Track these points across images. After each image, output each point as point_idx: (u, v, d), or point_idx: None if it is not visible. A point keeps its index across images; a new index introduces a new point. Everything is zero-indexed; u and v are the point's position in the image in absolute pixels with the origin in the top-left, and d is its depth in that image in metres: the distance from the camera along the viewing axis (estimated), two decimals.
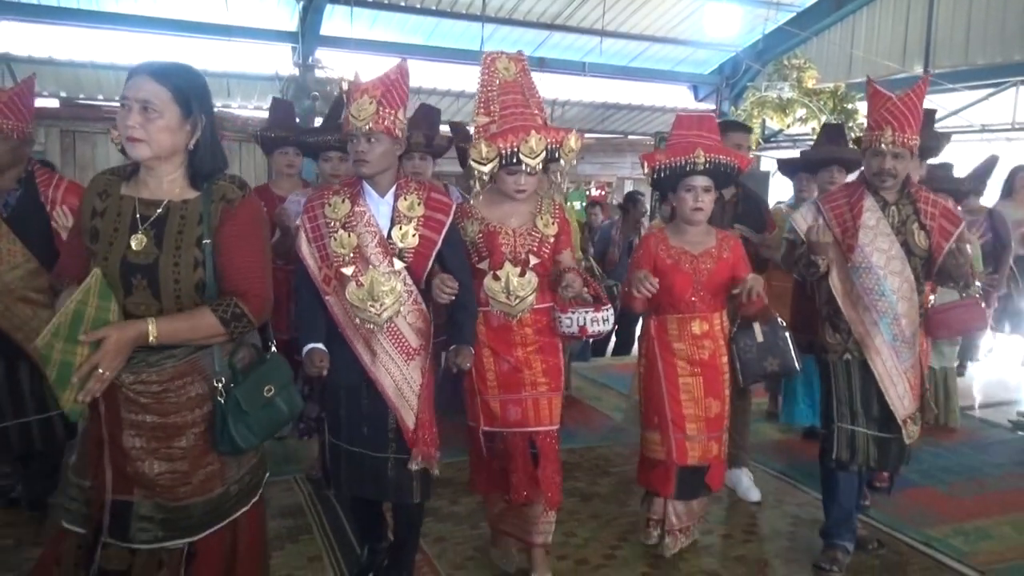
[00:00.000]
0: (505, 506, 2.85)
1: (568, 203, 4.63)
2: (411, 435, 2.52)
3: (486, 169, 2.65)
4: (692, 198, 2.88)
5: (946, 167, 4.47)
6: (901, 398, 2.94)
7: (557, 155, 2.70)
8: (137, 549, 1.96)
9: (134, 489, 1.94)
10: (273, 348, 2.17)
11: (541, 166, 2.70)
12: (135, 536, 1.94)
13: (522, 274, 2.69)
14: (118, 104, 1.96)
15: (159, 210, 1.94)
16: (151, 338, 1.83)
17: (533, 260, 2.72)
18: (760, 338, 3.03)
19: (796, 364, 3.05)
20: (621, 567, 3.03)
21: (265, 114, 10.06)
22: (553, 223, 2.79)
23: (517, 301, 2.70)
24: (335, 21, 9.60)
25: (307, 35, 9.37)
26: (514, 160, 2.63)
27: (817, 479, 3.32)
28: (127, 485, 1.94)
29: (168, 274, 1.91)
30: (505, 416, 2.75)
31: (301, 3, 9.24)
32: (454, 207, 2.63)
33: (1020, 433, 4.93)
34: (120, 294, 1.88)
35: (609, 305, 2.77)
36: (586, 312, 2.70)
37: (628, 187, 12.89)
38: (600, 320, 2.71)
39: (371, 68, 2.55)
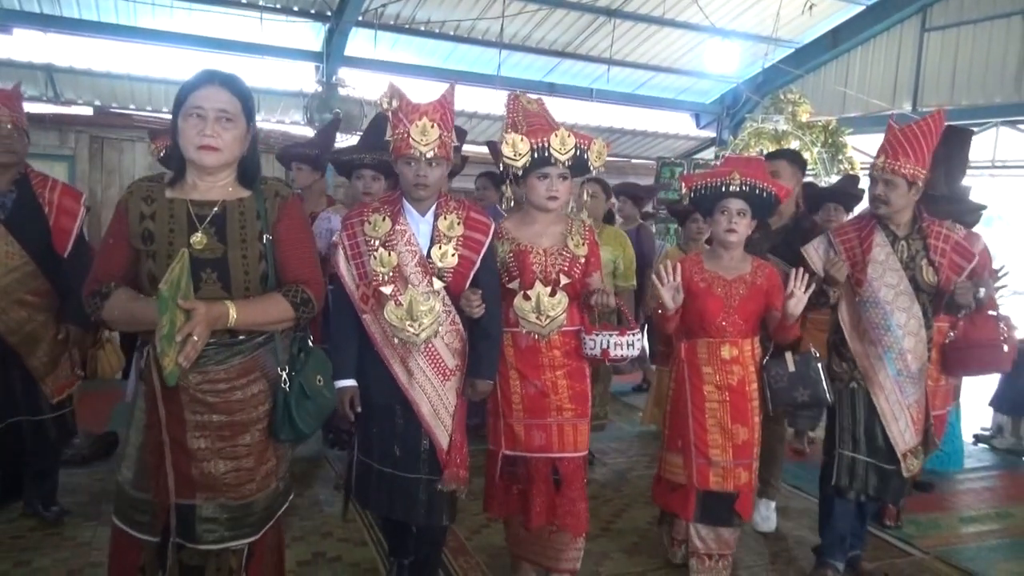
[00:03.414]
0: (525, 532, 2.83)
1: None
2: (444, 456, 2.50)
3: (519, 164, 2.63)
4: (726, 220, 2.86)
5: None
6: (903, 432, 2.94)
7: (586, 157, 2.67)
8: (209, 550, 2.01)
9: (196, 492, 1.97)
10: (311, 342, 2.19)
11: (570, 176, 2.69)
12: (201, 537, 1.98)
13: (552, 294, 2.66)
14: (184, 113, 1.95)
15: (215, 209, 1.97)
16: (231, 319, 1.89)
17: (564, 280, 2.69)
18: (792, 368, 2.97)
19: (828, 396, 2.97)
20: (616, 537, 3.48)
21: (287, 128, 10.57)
22: (583, 244, 2.75)
23: (547, 321, 2.67)
24: (358, 42, 10.07)
25: (332, 55, 9.82)
26: (545, 155, 2.61)
27: (800, 477, 3.75)
28: (190, 488, 1.96)
29: (238, 266, 1.96)
30: (529, 441, 2.72)
31: (327, 25, 9.73)
32: (493, 227, 2.62)
33: (981, 445, 5.41)
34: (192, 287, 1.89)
35: (636, 330, 2.72)
36: (610, 336, 2.66)
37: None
38: (624, 345, 2.66)
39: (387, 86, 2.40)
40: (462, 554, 3.24)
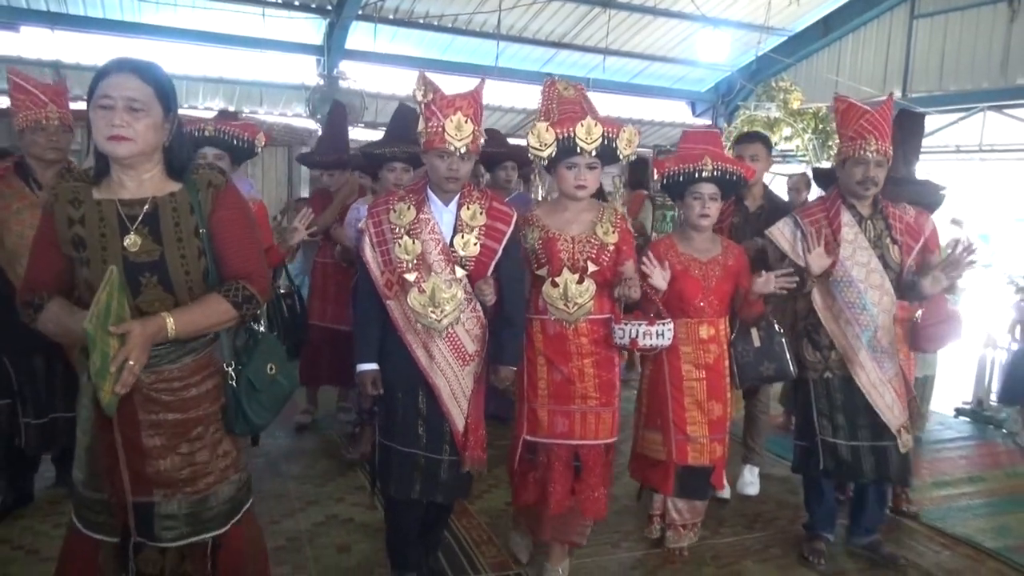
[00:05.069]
0: (538, 512, 2.88)
1: None
2: (461, 439, 2.57)
3: (544, 154, 2.64)
4: (699, 205, 2.93)
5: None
6: (891, 407, 2.97)
7: (615, 146, 2.65)
8: (166, 548, 1.96)
9: (153, 489, 1.91)
10: (262, 328, 2.12)
11: (600, 165, 2.69)
12: (161, 535, 1.93)
13: (580, 281, 2.67)
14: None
15: (146, 207, 1.87)
16: (170, 331, 1.80)
17: (592, 267, 2.69)
18: (757, 343, 3.07)
19: (791, 369, 3.08)
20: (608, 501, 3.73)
21: (290, 120, 10.77)
22: (614, 232, 2.75)
23: (575, 308, 2.69)
24: (358, 36, 10.27)
25: (332, 49, 10.03)
26: (571, 144, 2.60)
27: (783, 447, 3.90)
28: (146, 486, 1.91)
29: (178, 266, 1.87)
30: (551, 427, 2.75)
31: (328, 19, 9.93)
32: (515, 217, 2.64)
33: (961, 418, 5.66)
34: (129, 295, 1.82)
35: (668, 320, 2.77)
36: (639, 325, 2.70)
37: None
38: (653, 334, 2.72)
39: (391, 79, 2.50)
40: (465, 516, 3.49)
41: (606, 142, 2.63)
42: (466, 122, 2.44)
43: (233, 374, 1.97)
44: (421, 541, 2.81)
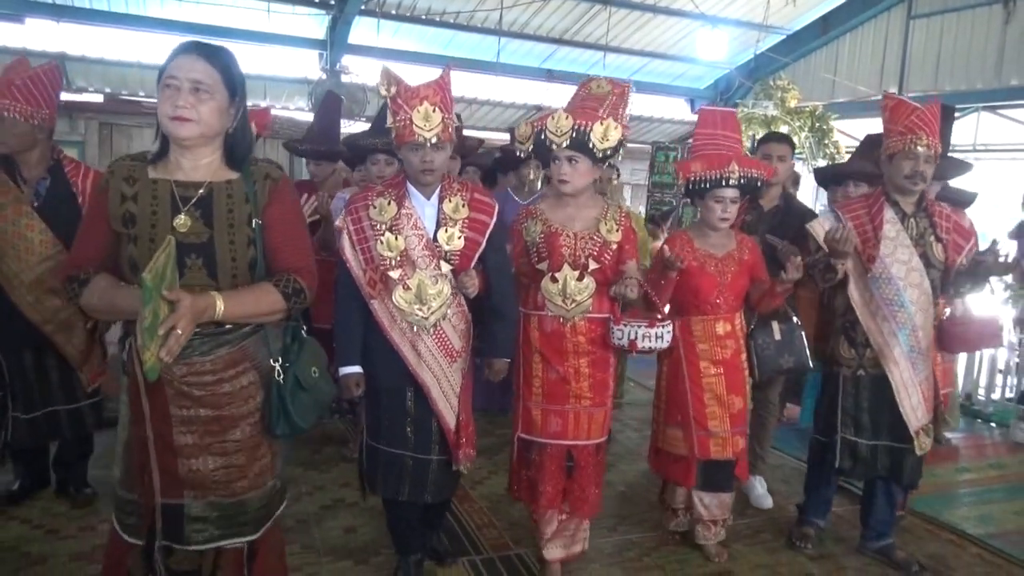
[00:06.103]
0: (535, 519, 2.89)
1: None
2: (452, 437, 2.52)
3: (524, 147, 2.69)
4: (721, 209, 2.94)
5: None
6: (915, 409, 2.97)
7: (587, 139, 2.57)
8: (202, 553, 1.92)
9: (184, 491, 1.86)
10: (305, 331, 2.08)
11: (583, 159, 2.63)
12: (190, 538, 1.88)
13: (580, 278, 2.65)
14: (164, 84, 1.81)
15: (201, 191, 1.85)
16: (218, 311, 1.76)
17: (593, 265, 2.66)
18: (778, 336, 3.12)
19: (810, 362, 3.14)
20: (606, 487, 3.78)
21: (292, 114, 10.86)
22: (617, 230, 2.72)
23: (573, 305, 2.67)
24: (360, 30, 10.37)
25: (335, 43, 10.12)
26: (541, 138, 2.59)
27: (775, 438, 3.99)
28: (177, 487, 1.86)
29: (225, 252, 1.84)
30: (545, 426, 2.74)
31: (331, 14, 10.02)
32: (497, 208, 2.60)
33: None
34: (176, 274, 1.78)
35: (668, 322, 2.74)
36: (638, 326, 2.66)
37: (627, 192, 13.71)
38: (653, 336, 2.68)
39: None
40: (466, 500, 3.62)
41: (575, 135, 2.57)
42: (434, 111, 2.37)
43: (281, 370, 1.92)
44: (422, 527, 2.85)
